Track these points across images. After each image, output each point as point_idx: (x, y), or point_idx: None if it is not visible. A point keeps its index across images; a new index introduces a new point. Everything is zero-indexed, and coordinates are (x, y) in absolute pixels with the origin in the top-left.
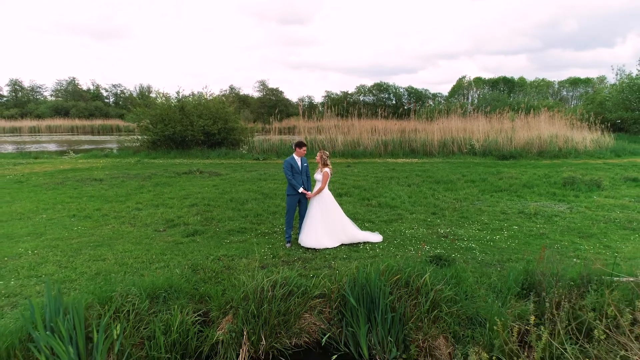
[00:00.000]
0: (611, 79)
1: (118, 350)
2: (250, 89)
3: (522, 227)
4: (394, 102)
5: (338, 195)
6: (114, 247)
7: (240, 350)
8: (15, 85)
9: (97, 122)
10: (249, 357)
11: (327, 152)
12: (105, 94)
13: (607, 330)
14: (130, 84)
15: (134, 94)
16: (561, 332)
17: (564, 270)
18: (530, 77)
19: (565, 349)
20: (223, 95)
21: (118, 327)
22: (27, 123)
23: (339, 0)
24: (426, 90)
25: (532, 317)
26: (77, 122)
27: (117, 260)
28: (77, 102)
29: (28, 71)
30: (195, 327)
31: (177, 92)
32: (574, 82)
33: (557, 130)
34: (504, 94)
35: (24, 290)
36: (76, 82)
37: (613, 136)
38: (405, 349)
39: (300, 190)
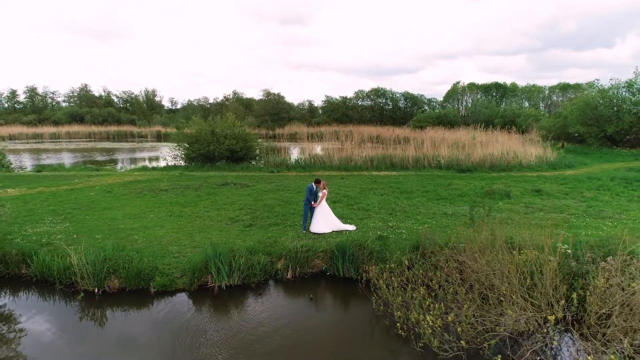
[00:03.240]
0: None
1: (242, 269)
2: (250, 88)
3: (439, 222)
4: (390, 106)
5: (333, 202)
6: (209, 233)
7: (288, 272)
8: (32, 92)
9: (112, 129)
10: (291, 275)
11: (326, 182)
12: (116, 100)
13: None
14: (131, 84)
15: (140, 99)
16: (417, 263)
17: (433, 240)
18: (529, 77)
19: (411, 268)
20: (226, 99)
21: (242, 259)
22: (47, 129)
23: (339, 1)
24: (422, 95)
25: (406, 259)
26: (94, 129)
27: (217, 238)
28: (91, 109)
29: (29, 71)
30: (268, 263)
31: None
32: (564, 88)
33: (509, 147)
34: (494, 100)
35: (182, 250)
36: (88, 88)
37: (567, 148)
38: (357, 270)
39: (312, 203)
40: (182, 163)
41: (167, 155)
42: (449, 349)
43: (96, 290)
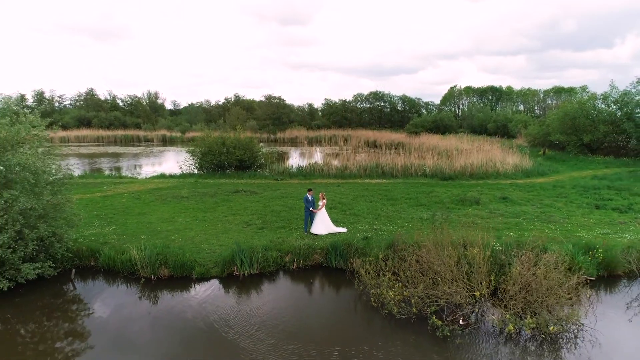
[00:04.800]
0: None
1: (260, 261)
2: (250, 89)
3: (415, 225)
4: (389, 109)
5: (329, 208)
6: (230, 234)
7: (294, 264)
8: (39, 96)
9: (119, 132)
10: (296, 266)
11: (324, 193)
12: (121, 104)
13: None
14: (131, 84)
15: (143, 101)
16: (390, 257)
17: (403, 240)
18: (529, 77)
19: (385, 261)
20: (228, 102)
21: (259, 254)
22: (56, 133)
23: (339, 1)
24: (419, 98)
25: (381, 254)
26: (102, 133)
27: (237, 238)
28: (98, 113)
29: (29, 71)
30: (279, 257)
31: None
32: (558, 91)
33: (489, 156)
34: (489, 103)
35: (211, 247)
36: (94, 92)
37: (548, 155)
38: (346, 263)
39: (311, 209)
40: (196, 171)
41: (183, 164)
42: (404, 313)
43: (152, 277)
